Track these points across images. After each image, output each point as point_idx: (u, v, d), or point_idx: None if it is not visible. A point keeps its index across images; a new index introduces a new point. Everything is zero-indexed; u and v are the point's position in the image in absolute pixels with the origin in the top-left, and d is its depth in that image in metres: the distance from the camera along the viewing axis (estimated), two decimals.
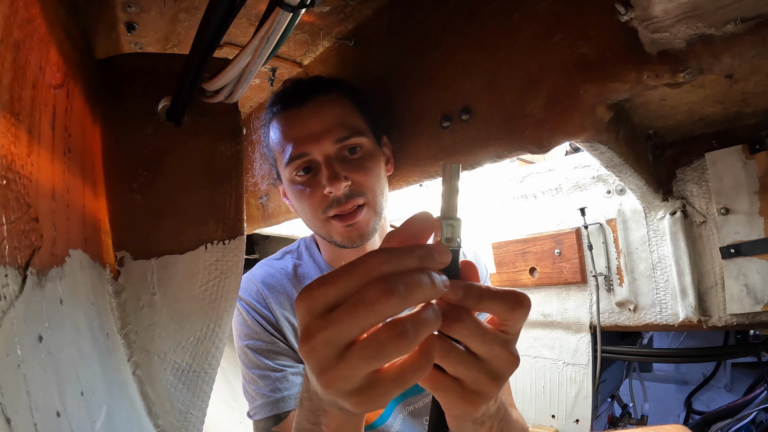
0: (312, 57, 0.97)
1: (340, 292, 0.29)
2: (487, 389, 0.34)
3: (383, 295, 0.27)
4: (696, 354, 1.14)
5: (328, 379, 0.29)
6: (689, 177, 0.99)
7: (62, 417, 0.34)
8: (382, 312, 0.27)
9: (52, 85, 0.41)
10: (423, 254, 0.30)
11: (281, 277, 0.84)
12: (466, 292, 0.32)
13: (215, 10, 0.47)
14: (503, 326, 0.34)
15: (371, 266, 0.29)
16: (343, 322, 0.28)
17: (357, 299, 0.28)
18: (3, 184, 0.30)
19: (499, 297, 0.33)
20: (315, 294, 0.29)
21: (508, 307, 0.33)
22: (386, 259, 0.29)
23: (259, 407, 0.76)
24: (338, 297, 0.29)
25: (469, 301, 0.32)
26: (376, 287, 0.27)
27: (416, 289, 0.28)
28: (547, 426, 1.28)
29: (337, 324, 0.28)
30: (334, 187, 0.70)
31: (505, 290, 0.33)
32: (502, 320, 0.34)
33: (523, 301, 0.33)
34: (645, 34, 0.52)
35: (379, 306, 0.27)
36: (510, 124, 0.66)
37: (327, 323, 0.28)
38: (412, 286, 0.28)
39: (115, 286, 0.60)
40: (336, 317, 0.28)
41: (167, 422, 0.62)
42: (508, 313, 0.33)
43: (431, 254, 0.30)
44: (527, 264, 1.29)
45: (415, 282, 0.28)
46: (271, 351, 0.78)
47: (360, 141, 0.74)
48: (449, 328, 0.32)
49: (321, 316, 0.29)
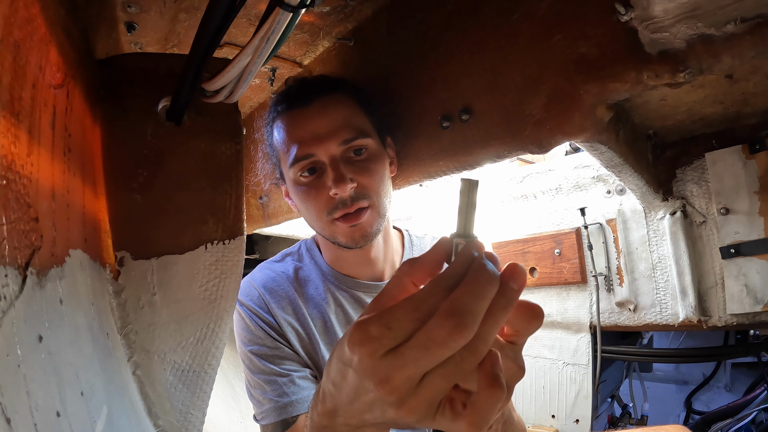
0: (312, 57, 0.97)
1: (407, 334, 0.29)
2: None
3: (455, 331, 0.27)
4: (696, 354, 1.14)
5: (408, 408, 0.30)
6: (689, 177, 0.99)
7: (62, 417, 0.34)
8: (457, 347, 0.28)
9: (52, 85, 0.41)
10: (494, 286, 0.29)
11: (282, 281, 0.84)
12: None
13: (215, 10, 0.47)
14: (513, 337, 0.34)
15: (425, 299, 0.29)
16: (419, 361, 0.28)
17: (426, 339, 0.28)
18: (3, 184, 0.30)
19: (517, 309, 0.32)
20: (383, 342, 0.29)
21: (525, 318, 0.33)
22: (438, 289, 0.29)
23: (267, 412, 0.76)
24: (401, 334, 0.29)
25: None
26: (443, 324, 0.27)
27: (480, 305, 0.28)
28: (547, 426, 1.28)
29: (412, 365, 0.28)
30: (339, 189, 0.70)
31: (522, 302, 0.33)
32: (515, 331, 0.34)
33: (539, 314, 0.33)
34: (645, 34, 0.52)
35: (453, 343, 0.27)
36: (510, 124, 0.66)
37: (402, 363, 0.28)
38: (473, 304, 0.28)
39: (115, 286, 0.60)
40: (411, 357, 0.28)
41: (167, 422, 0.62)
42: (524, 324, 0.33)
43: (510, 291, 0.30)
44: (527, 264, 1.29)
45: (476, 298, 0.28)
46: (275, 356, 0.78)
47: (365, 142, 0.74)
48: None
49: (389, 355, 0.29)
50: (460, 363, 0.28)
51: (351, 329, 0.30)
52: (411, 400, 0.29)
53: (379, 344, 0.29)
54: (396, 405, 0.30)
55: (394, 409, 0.30)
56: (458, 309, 0.27)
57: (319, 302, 0.83)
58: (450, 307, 0.28)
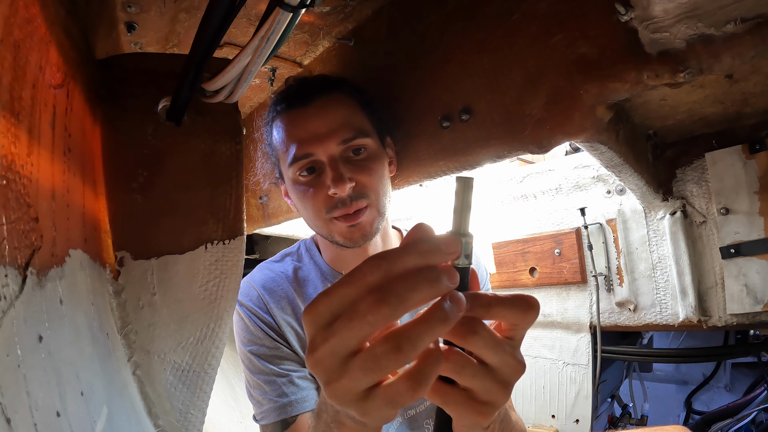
0: (312, 57, 0.97)
1: (340, 302, 0.29)
2: (497, 398, 0.34)
3: (373, 306, 0.27)
4: (696, 354, 1.14)
5: (333, 389, 0.30)
6: (689, 177, 0.99)
7: (62, 417, 0.34)
8: (376, 322, 0.27)
9: (52, 85, 0.41)
10: (425, 249, 0.29)
11: (282, 281, 0.84)
12: (473, 301, 0.31)
13: (215, 10, 0.47)
14: (510, 332, 0.34)
15: (364, 273, 0.28)
16: (342, 333, 0.28)
17: (351, 311, 0.28)
18: (3, 184, 0.30)
19: (508, 303, 0.32)
20: (318, 306, 0.29)
21: (519, 311, 0.32)
22: (377, 264, 0.28)
23: (266, 412, 0.76)
24: (339, 308, 0.29)
25: (478, 311, 0.32)
26: (367, 298, 0.27)
27: (409, 294, 0.27)
28: (547, 426, 1.28)
29: (336, 335, 0.28)
30: (338, 188, 0.70)
31: (514, 295, 0.33)
32: (512, 326, 0.34)
33: (533, 305, 0.33)
34: (645, 34, 0.52)
35: (371, 317, 0.27)
36: (510, 124, 0.66)
37: (329, 335, 0.29)
38: (404, 291, 0.27)
39: (115, 286, 0.60)
40: (336, 329, 0.28)
41: (167, 422, 0.62)
42: (519, 317, 0.33)
43: (436, 248, 0.29)
44: (527, 264, 1.29)
45: (409, 287, 0.27)
46: (275, 356, 0.78)
47: (365, 142, 0.74)
48: (463, 341, 0.32)
49: (324, 328, 0.29)
50: (380, 357, 0.28)
51: None
52: (335, 381, 0.29)
53: (315, 310, 0.29)
54: (324, 382, 0.30)
55: (324, 387, 0.30)
56: (386, 288, 0.27)
57: None
58: (378, 284, 0.28)
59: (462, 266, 0.32)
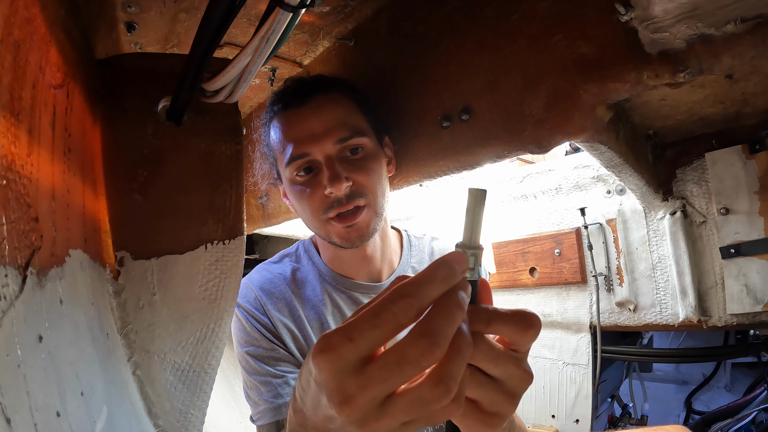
0: (312, 57, 0.97)
1: (369, 347, 0.27)
2: (504, 409, 0.34)
3: (428, 351, 0.26)
4: (696, 354, 1.14)
5: (370, 430, 0.29)
6: (689, 177, 0.99)
7: (62, 417, 0.34)
8: (427, 365, 0.27)
9: (52, 85, 0.41)
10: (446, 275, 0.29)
11: (279, 283, 0.84)
12: (472, 316, 0.31)
13: (215, 10, 0.47)
14: (513, 346, 0.34)
15: (394, 314, 0.27)
16: (387, 380, 0.27)
17: (399, 358, 0.27)
18: (3, 184, 0.30)
19: (508, 319, 0.32)
20: (342, 353, 0.27)
21: (519, 329, 0.32)
22: (408, 303, 0.27)
23: (262, 413, 0.76)
24: (369, 351, 0.28)
25: (477, 325, 0.31)
26: (418, 344, 0.27)
27: (451, 328, 0.28)
28: (547, 426, 1.28)
29: (380, 383, 0.27)
30: (335, 187, 0.70)
31: (515, 312, 0.32)
32: (511, 342, 0.33)
33: (533, 323, 0.32)
34: (645, 34, 0.52)
35: (424, 362, 0.27)
36: (510, 124, 0.66)
37: (367, 382, 0.27)
38: (445, 327, 0.27)
39: (115, 286, 0.60)
40: (378, 376, 0.27)
41: (167, 422, 0.62)
42: (518, 335, 0.32)
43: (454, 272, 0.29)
44: (527, 264, 1.29)
45: (448, 321, 0.27)
46: (271, 357, 0.78)
47: (361, 141, 0.74)
48: None
49: (354, 374, 0.28)
50: (429, 401, 0.27)
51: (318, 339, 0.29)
52: (373, 423, 0.28)
53: (338, 356, 0.27)
54: (357, 425, 0.29)
55: (356, 428, 0.29)
56: (430, 330, 0.27)
57: (316, 303, 0.83)
58: (424, 327, 0.27)
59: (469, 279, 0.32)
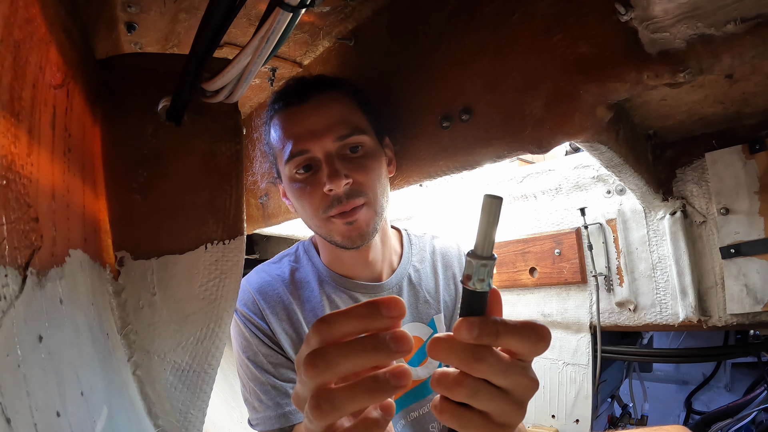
0: (312, 57, 0.97)
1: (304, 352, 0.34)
2: (513, 419, 0.34)
3: (308, 371, 0.32)
4: (696, 354, 1.14)
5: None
6: (689, 177, 0.99)
7: (62, 417, 0.34)
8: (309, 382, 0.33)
9: (52, 85, 0.41)
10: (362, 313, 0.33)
11: (277, 284, 0.83)
12: (482, 329, 0.31)
13: (215, 10, 0.47)
14: (520, 356, 0.34)
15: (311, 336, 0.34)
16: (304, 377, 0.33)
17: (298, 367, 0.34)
18: (3, 184, 0.30)
19: (518, 333, 0.32)
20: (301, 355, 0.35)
21: (529, 343, 0.32)
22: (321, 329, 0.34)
23: (262, 420, 0.76)
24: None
25: (486, 338, 0.31)
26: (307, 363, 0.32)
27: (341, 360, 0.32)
28: (547, 426, 1.28)
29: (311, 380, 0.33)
30: (334, 184, 0.70)
31: (524, 324, 0.32)
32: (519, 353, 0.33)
33: (544, 336, 0.32)
34: (645, 34, 0.52)
35: (306, 379, 0.33)
36: (510, 124, 0.66)
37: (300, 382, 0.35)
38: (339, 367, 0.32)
39: (115, 286, 0.60)
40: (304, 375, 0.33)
41: (167, 422, 0.62)
42: (528, 348, 0.32)
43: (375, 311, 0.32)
44: (527, 264, 1.29)
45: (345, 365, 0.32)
46: (270, 363, 0.78)
47: (361, 139, 0.74)
48: (471, 369, 0.32)
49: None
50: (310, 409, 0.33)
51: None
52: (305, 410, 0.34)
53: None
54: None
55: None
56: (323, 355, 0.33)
57: (314, 305, 0.82)
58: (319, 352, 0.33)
59: (480, 291, 0.31)
